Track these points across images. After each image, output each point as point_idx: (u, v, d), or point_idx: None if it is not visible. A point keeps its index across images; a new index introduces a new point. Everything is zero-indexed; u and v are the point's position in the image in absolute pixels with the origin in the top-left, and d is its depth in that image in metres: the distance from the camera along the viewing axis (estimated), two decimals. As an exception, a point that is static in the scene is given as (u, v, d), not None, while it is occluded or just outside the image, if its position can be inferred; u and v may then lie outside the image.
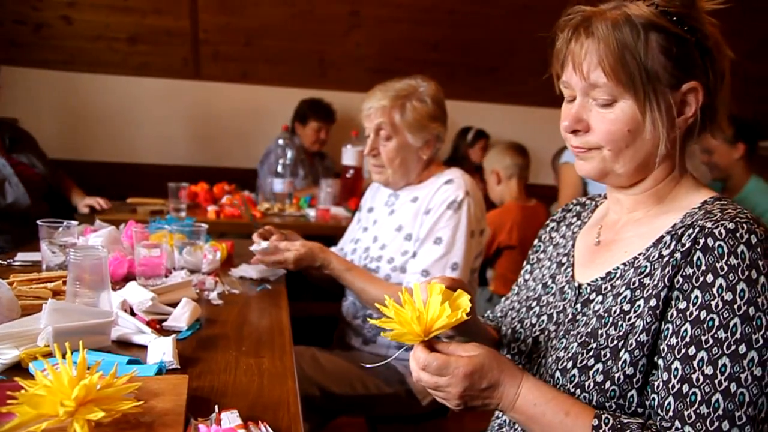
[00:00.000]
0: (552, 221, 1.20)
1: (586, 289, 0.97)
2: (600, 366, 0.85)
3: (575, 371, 0.88)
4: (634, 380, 0.83)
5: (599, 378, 0.85)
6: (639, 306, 0.85)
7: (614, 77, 0.86)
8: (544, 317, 1.03)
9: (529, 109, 4.58)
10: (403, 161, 1.77)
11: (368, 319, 0.91)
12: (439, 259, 1.65)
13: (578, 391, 0.87)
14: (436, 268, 1.64)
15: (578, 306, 0.96)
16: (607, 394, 0.84)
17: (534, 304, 1.07)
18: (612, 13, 0.88)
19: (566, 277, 1.03)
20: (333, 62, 4.18)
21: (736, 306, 0.77)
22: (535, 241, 1.22)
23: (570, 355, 0.90)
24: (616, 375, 0.83)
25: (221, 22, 3.80)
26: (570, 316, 0.97)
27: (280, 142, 3.55)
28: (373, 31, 3.95)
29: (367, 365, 1.10)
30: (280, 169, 3.46)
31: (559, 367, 0.91)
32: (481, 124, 4.43)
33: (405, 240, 1.75)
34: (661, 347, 0.82)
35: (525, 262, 1.21)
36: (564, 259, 1.07)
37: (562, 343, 0.94)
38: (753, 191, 2.71)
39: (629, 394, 0.83)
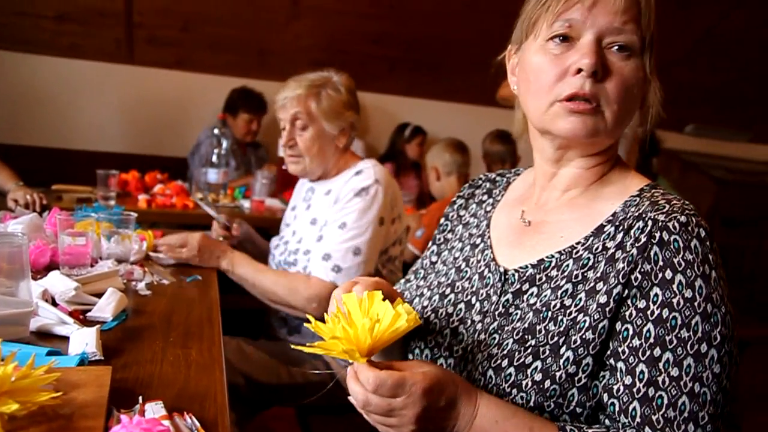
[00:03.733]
0: (459, 198, 1.11)
1: (513, 275, 0.90)
2: (539, 364, 0.80)
3: (511, 370, 0.82)
4: (576, 379, 0.78)
5: (538, 377, 0.80)
6: (580, 300, 0.81)
7: (640, 27, 0.83)
8: (461, 305, 0.95)
9: (468, 107, 4.65)
10: (320, 150, 1.80)
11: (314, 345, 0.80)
12: (342, 243, 1.66)
13: (515, 391, 0.81)
14: (339, 252, 1.65)
15: (509, 297, 0.89)
16: (547, 394, 0.79)
17: (448, 291, 0.98)
18: None
19: (485, 260, 0.96)
20: (273, 52, 4.11)
21: (696, 303, 0.75)
22: (442, 220, 1.11)
23: (505, 352, 0.84)
24: (557, 373, 0.79)
25: (157, 5, 3.67)
26: (501, 309, 0.89)
27: (215, 131, 3.47)
28: (314, 22, 3.92)
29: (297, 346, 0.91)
30: (214, 159, 3.39)
31: (493, 365, 0.84)
32: (420, 120, 4.47)
33: (319, 231, 1.76)
34: (621, 349, 0.78)
35: (431, 243, 1.11)
36: (478, 241, 1.00)
37: (494, 339, 0.87)
38: None
39: (570, 393, 0.79)
